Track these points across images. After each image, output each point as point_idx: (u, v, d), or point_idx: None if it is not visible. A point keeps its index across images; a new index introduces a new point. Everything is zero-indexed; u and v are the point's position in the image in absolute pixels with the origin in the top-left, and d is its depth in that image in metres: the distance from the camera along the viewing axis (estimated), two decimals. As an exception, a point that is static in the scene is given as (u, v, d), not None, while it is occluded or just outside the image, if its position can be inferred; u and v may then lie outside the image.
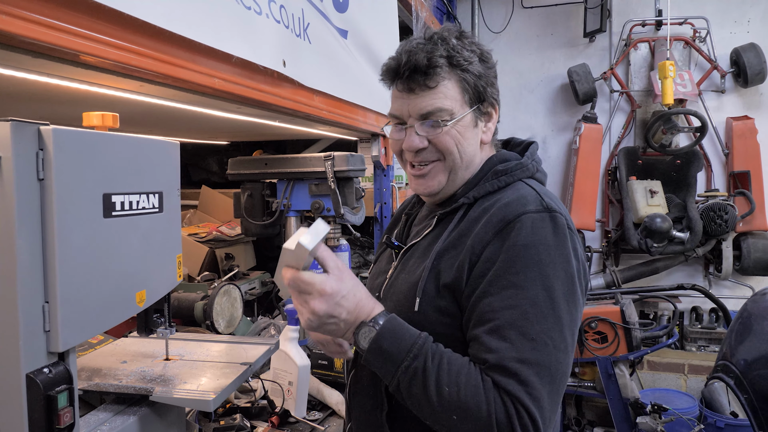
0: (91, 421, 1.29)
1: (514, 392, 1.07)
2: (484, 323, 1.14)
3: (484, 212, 1.25)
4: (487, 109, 1.34)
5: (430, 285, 1.25)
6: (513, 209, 1.21)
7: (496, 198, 1.28)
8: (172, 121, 2.45)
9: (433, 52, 1.25)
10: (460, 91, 1.29)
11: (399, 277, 1.37)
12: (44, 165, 1.02)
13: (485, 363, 1.11)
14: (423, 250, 1.35)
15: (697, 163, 5.41)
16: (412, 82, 1.27)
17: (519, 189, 1.29)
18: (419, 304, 1.24)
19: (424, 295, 1.24)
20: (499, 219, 1.20)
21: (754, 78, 5.28)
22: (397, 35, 3.20)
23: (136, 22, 1.25)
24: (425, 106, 1.28)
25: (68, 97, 1.64)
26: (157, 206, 1.35)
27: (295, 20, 1.99)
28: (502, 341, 1.11)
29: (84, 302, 1.11)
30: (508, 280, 1.14)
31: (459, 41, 1.29)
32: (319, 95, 2.26)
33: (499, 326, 1.12)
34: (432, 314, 1.23)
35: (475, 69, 1.29)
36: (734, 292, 5.50)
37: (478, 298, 1.17)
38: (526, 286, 1.13)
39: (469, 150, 1.32)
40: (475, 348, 1.15)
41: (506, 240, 1.17)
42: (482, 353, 1.12)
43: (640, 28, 5.68)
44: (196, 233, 3.28)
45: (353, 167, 2.58)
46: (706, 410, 3.99)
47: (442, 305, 1.23)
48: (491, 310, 1.14)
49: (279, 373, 2.17)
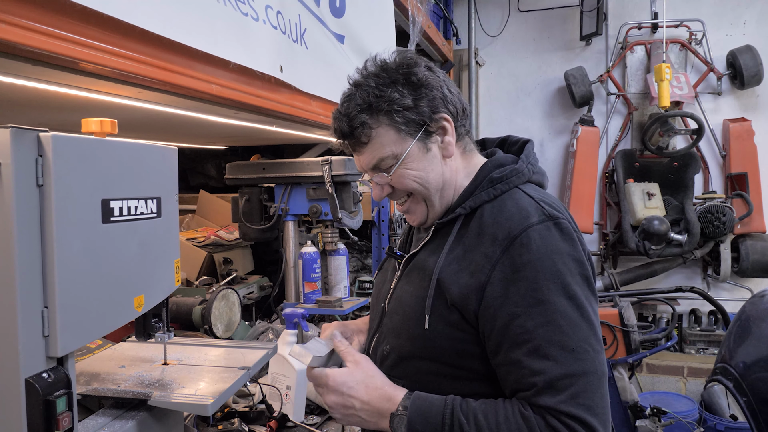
0: (90, 425, 1.29)
1: (569, 411, 1.09)
2: (521, 345, 1.14)
3: (485, 226, 1.24)
4: (438, 125, 1.29)
5: (437, 301, 1.25)
6: (516, 224, 1.19)
7: (495, 208, 1.26)
8: (170, 126, 2.46)
9: (351, 111, 1.26)
10: (395, 132, 1.27)
11: (403, 289, 1.37)
12: (43, 171, 1.03)
13: (534, 386, 1.12)
14: (422, 261, 1.34)
15: (695, 165, 5.43)
16: (351, 145, 1.32)
17: (517, 199, 1.26)
18: (429, 321, 1.24)
19: (433, 311, 1.24)
20: (505, 235, 1.19)
21: (751, 80, 5.30)
22: (394, 40, 3.22)
23: (135, 30, 1.26)
24: (369, 161, 1.31)
25: (67, 103, 1.65)
26: (155, 211, 1.35)
27: (292, 26, 2.00)
28: (545, 360, 1.11)
29: (83, 307, 1.11)
30: (533, 297, 1.14)
31: (377, 78, 1.27)
32: (316, 100, 2.27)
33: (537, 346, 1.12)
34: (443, 330, 1.23)
35: (400, 103, 1.25)
36: (733, 294, 5.51)
37: (506, 320, 1.15)
38: (552, 299, 1.13)
39: (433, 176, 1.31)
40: (517, 373, 1.15)
41: (517, 257, 1.16)
42: (528, 377, 1.13)
43: (636, 31, 5.71)
44: (194, 238, 3.28)
45: (351, 171, 2.59)
46: (705, 413, 3.98)
47: (452, 320, 1.23)
48: (525, 331, 1.13)
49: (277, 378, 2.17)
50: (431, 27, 4.61)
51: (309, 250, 2.70)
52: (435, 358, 1.26)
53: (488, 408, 1.16)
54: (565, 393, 1.09)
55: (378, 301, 1.48)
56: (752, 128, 5.37)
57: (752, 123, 5.40)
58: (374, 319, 1.47)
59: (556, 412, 1.09)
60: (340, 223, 2.62)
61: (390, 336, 1.36)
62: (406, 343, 1.31)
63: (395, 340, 1.34)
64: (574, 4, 5.83)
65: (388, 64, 1.30)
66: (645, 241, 5.09)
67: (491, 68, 6.21)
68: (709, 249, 5.34)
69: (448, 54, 5.48)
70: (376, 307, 1.48)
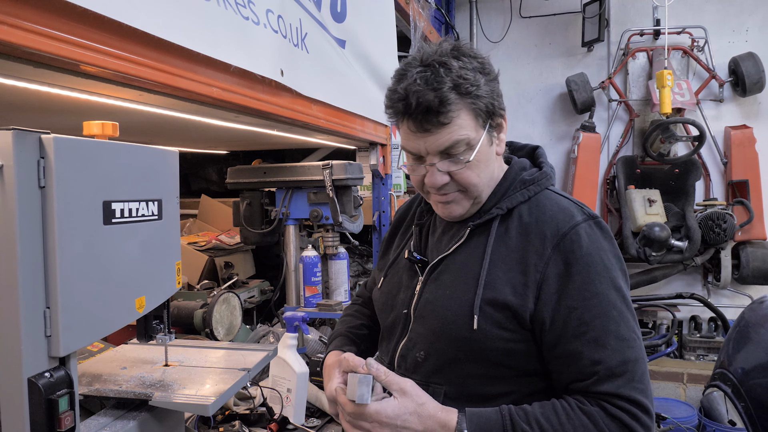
0: (92, 425, 1.30)
1: (628, 395, 1.16)
2: (580, 336, 1.19)
3: (528, 226, 1.27)
4: (497, 121, 1.31)
5: (484, 302, 1.24)
6: (563, 222, 1.25)
7: (532, 209, 1.30)
8: (171, 130, 2.47)
9: (441, 87, 1.19)
10: (473, 117, 1.24)
11: (435, 293, 1.33)
12: (45, 173, 1.04)
13: (594, 375, 1.18)
14: (460, 264, 1.32)
15: (696, 172, 5.43)
16: (426, 122, 1.22)
17: (555, 199, 1.31)
18: (478, 322, 1.23)
19: (482, 312, 1.24)
20: (554, 233, 1.24)
21: (753, 87, 5.30)
22: (395, 45, 3.24)
23: (136, 33, 1.27)
24: (443, 142, 1.24)
25: (69, 106, 1.66)
26: (156, 213, 1.36)
27: (293, 30, 2.01)
28: (604, 349, 1.18)
29: (84, 308, 1.12)
30: (588, 290, 1.20)
31: (459, 61, 1.22)
32: (317, 104, 2.29)
33: (596, 336, 1.19)
34: (491, 330, 1.23)
35: (483, 90, 1.23)
36: (733, 301, 5.51)
37: (565, 314, 1.20)
38: (604, 292, 1.20)
39: (489, 171, 1.31)
40: (577, 364, 1.20)
41: (569, 253, 1.22)
42: (588, 367, 1.18)
43: (639, 37, 5.72)
44: (195, 242, 3.29)
45: (351, 176, 2.60)
46: (704, 419, 3.98)
47: (500, 321, 1.23)
48: (583, 323, 1.19)
49: (278, 381, 2.19)
50: (433, 32, 4.62)
51: (309, 254, 2.71)
52: (481, 360, 1.26)
53: (546, 410, 1.19)
54: (622, 378, 1.16)
55: (394, 306, 1.43)
56: (754, 135, 5.37)
57: (754, 130, 5.40)
58: (394, 326, 1.43)
59: (616, 398, 1.16)
60: (340, 227, 2.63)
61: (424, 341, 1.33)
62: (448, 347, 1.29)
63: (433, 344, 1.31)
64: (576, 10, 5.85)
65: (462, 50, 1.25)
66: (645, 248, 5.09)
67: (493, 74, 6.21)
68: (709, 256, 5.34)
69: (450, 60, 5.48)
70: (394, 314, 1.43)
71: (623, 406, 1.16)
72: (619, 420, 1.15)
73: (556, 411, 1.18)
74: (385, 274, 1.52)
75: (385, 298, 1.48)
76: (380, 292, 1.51)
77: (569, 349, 1.20)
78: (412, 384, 1.24)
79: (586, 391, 1.19)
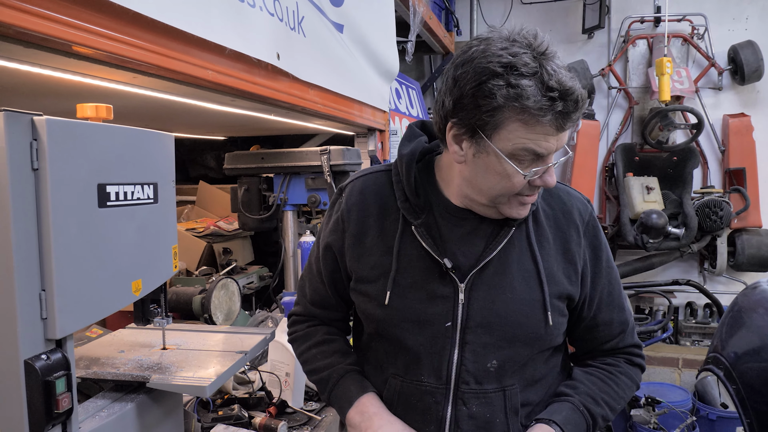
0: (90, 407, 1.31)
1: (635, 342, 1.43)
2: (609, 305, 1.38)
3: (554, 216, 1.33)
4: None
5: (552, 296, 1.29)
6: (583, 209, 1.36)
7: (545, 198, 1.35)
8: (167, 114, 2.46)
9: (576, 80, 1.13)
10: None
11: (490, 299, 1.25)
12: (38, 155, 1.04)
13: (621, 333, 1.40)
14: (509, 264, 1.26)
15: (694, 160, 5.43)
16: (569, 120, 1.13)
17: (557, 187, 1.36)
18: (552, 318, 1.28)
19: (552, 307, 1.28)
20: (580, 221, 1.34)
21: (751, 75, 5.29)
22: (394, 30, 3.21)
23: (129, 13, 1.26)
24: (563, 141, 1.18)
25: (61, 89, 1.65)
26: (152, 197, 1.36)
27: (290, 13, 2.00)
28: (622, 312, 1.40)
29: (80, 290, 1.13)
30: (608, 267, 1.38)
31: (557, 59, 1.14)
32: (314, 89, 2.28)
33: (618, 303, 1.39)
34: (558, 321, 1.30)
35: None
36: (728, 288, 5.53)
37: (600, 290, 1.36)
38: (612, 263, 1.40)
39: None
40: (609, 329, 1.39)
41: (593, 238, 1.35)
42: (617, 328, 1.39)
43: (639, 24, 5.69)
44: (194, 228, 3.29)
45: (349, 161, 2.60)
46: (699, 403, 4.01)
47: (562, 310, 1.32)
48: (610, 295, 1.37)
49: (276, 365, 2.19)
50: (432, 18, 4.60)
51: (308, 239, 2.71)
52: (548, 349, 1.34)
53: (596, 384, 1.37)
54: (629, 331, 1.41)
55: (430, 322, 1.27)
56: (751, 124, 5.37)
57: (752, 119, 5.40)
58: (434, 342, 1.27)
59: (633, 347, 1.42)
60: (338, 212, 2.62)
61: (494, 350, 1.26)
62: (524, 348, 1.28)
63: (506, 351, 1.26)
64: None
65: None
66: (643, 235, 5.10)
67: (492, 61, 6.18)
68: (706, 243, 5.36)
69: (450, 46, 5.47)
70: (431, 329, 1.27)
71: (635, 351, 1.42)
72: (639, 366, 1.43)
73: (603, 380, 1.37)
74: (393, 288, 1.29)
75: (409, 314, 1.28)
76: (396, 309, 1.29)
77: (604, 318, 1.37)
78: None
79: (614, 348, 1.40)
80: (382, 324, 1.32)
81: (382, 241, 1.31)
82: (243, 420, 1.93)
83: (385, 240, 1.31)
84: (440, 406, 1.27)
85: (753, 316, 2.14)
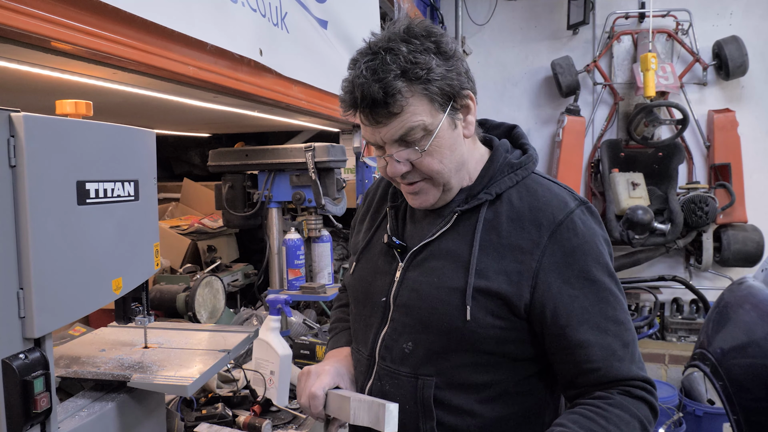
0: (70, 407, 1.29)
1: (638, 375, 1.20)
2: (583, 324, 1.20)
3: (520, 212, 1.24)
4: (462, 102, 1.24)
5: (476, 291, 1.21)
6: (558, 209, 1.23)
7: (522, 194, 1.27)
8: (149, 111, 2.44)
9: (386, 77, 1.14)
10: (428, 102, 1.19)
11: (420, 281, 1.28)
12: (16, 152, 1.02)
13: (605, 360, 1.18)
14: (446, 250, 1.27)
15: (679, 156, 5.47)
16: (375, 115, 1.18)
17: (545, 185, 1.29)
18: (471, 312, 1.20)
19: (474, 301, 1.20)
20: (549, 221, 1.22)
21: (736, 71, 5.34)
22: (379, 26, 3.21)
23: (108, 8, 1.24)
24: (396, 132, 1.19)
25: (40, 85, 1.63)
26: (132, 194, 1.35)
27: (272, 9, 1.99)
28: (606, 335, 1.19)
29: (59, 289, 1.11)
30: (587, 278, 1.21)
31: (408, 44, 1.17)
32: (298, 85, 2.26)
33: (598, 323, 1.20)
34: (484, 319, 1.21)
35: (436, 73, 1.17)
36: (714, 284, 5.58)
37: (567, 302, 1.20)
38: (601, 278, 1.22)
39: (455, 156, 1.25)
40: (587, 351, 1.19)
41: (566, 241, 1.21)
42: (599, 351, 1.19)
43: (624, 20, 5.73)
44: (178, 226, 3.26)
45: (334, 158, 2.58)
46: (685, 399, 4.05)
47: (493, 308, 1.21)
48: (584, 311, 1.20)
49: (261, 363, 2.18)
50: (417, 14, 4.59)
51: (292, 236, 2.70)
52: (473, 350, 1.23)
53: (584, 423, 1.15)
54: (628, 361, 1.20)
55: (370, 294, 1.37)
56: (736, 119, 5.42)
57: (736, 114, 5.45)
58: (372, 315, 1.37)
59: (632, 380, 1.19)
60: (323, 209, 2.61)
61: (411, 332, 1.28)
62: (439, 337, 1.24)
63: (421, 335, 1.26)
64: (561, -7, 5.84)
65: (414, 31, 1.19)
66: (629, 231, 5.14)
67: (478, 57, 6.20)
68: (691, 239, 5.41)
69: (435, 42, 5.45)
70: (371, 302, 1.37)
71: (640, 385, 1.19)
72: (642, 399, 1.19)
73: (592, 418, 1.15)
74: (358, 260, 1.45)
75: (359, 285, 1.42)
76: (354, 279, 1.44)
77: (576, 337, 1.19)
78: None
79: (600, 381, 1.19)
80: (350, 294, 1.49)
81: (371, 223, 1.47)
82: (227, 419, 1.92)
83: (372, 222, 1.47)
84: (364, 377, 1.36)
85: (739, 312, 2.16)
